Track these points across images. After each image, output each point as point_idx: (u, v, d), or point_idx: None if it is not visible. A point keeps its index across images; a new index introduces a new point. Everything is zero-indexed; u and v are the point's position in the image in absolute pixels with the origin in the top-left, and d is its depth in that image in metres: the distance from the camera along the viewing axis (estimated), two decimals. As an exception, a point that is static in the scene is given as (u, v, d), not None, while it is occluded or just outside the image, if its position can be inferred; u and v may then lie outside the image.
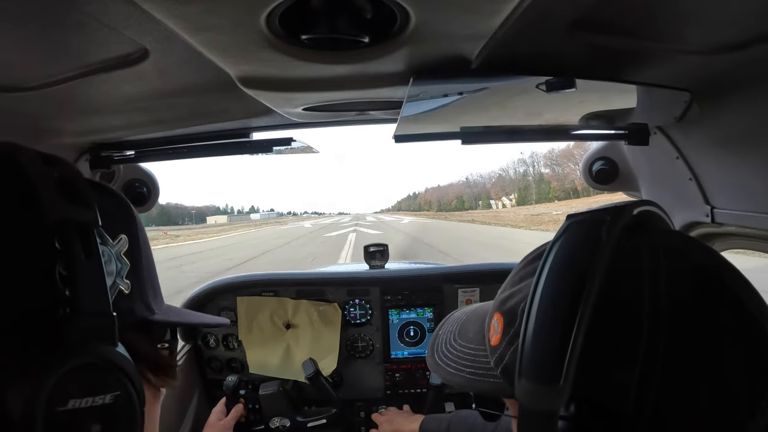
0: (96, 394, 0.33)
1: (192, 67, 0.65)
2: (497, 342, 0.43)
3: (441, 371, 0.52)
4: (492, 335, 0.45)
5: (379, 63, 0.63)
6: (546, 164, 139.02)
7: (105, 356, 0.35)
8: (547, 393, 0.33)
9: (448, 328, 0.57)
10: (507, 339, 0.42)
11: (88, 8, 0.46)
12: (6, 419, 0.29)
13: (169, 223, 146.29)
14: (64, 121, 0.86)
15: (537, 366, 0.34)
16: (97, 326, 0.35)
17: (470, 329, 0.52)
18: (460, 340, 0.52)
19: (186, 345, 1.46)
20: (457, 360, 0.50)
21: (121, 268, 0.44)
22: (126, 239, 0.46)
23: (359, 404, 1.49)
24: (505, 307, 0.44)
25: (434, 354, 0.55)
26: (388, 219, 59.35)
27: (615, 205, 0.37)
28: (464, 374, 0.48)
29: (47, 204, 0.34)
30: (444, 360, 0.52)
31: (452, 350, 0.52)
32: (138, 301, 0.46)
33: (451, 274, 1.49)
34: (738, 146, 0.78)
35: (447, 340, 0.55)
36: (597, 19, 0.53)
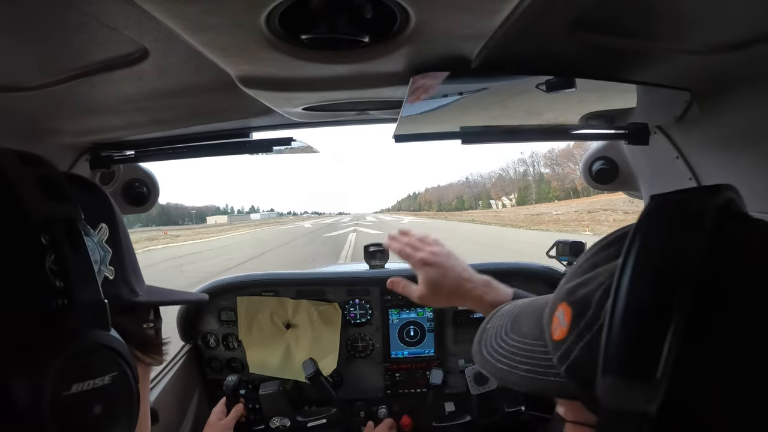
0: (96, 377, 0.36)
1: (192, 67, 0.65)
2: (562, 336, 0.39)
3: (490, 368, 0.48)
4: (555, 329, 0.41)
5: (379, 63, 0.63)
6: (546, 164, 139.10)
7: (101, 341, 0.37)
8: (640, 390, 0.29)
9: (498, 322, 0.53)
10: (575, 333, 0.38)
11: (88, 8, 0.46)
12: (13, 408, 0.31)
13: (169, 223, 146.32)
14: (64, 121, 0.86)
15: (628, 359, 0.30)
16: (91, 313, 0.37)
17: (524, 323, 0.49)
18: (513, 334, 0.48)
19: (186, 345, 1.46)
20: (510, 356, 0.46)
21: (104, 255, 0.46)
22: (106, 228, 0.47)
23: (359, 404, 1.49)
24: (575, 296, 0.39)
25: (482, 349, 0.51)
26: (388, 219, 59.38)
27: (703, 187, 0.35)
28: (519, 371, 0.44)
29: (31, 204, 0.35)
30: (494, 356, 0.48)
31: (504, 345, 0.48)
32: (122, 285, 0.48)
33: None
34: (738, 146, 0.78)
35: (498, 334, 0.51)
36: (597, 18, 0.53)
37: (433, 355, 1.46)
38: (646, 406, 0.29)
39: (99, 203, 0.49)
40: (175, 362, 1.36)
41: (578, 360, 0.37)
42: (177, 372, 1.33)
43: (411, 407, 1.46)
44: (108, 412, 0.36)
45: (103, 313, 0.38)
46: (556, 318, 0.41)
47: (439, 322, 1.46)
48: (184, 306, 1.44)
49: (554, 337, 0.40)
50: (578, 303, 0.38)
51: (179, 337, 1.47)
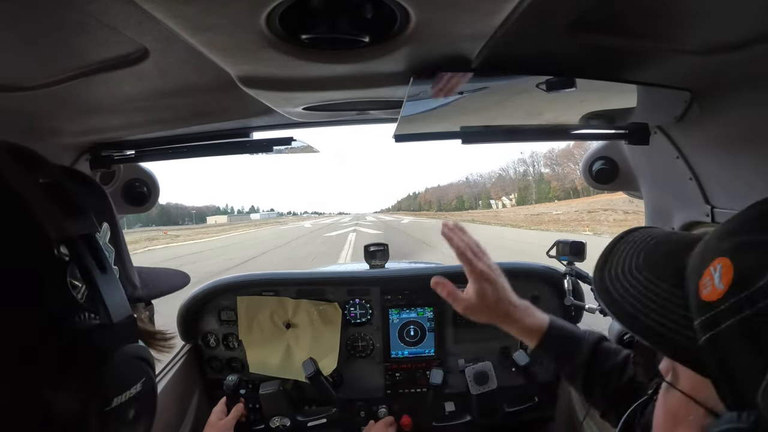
0: (131, 386, 0.38)
1: (192, 67, 0.65)
2: (714, 299, 0.32)
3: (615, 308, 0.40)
4: (706, 285, 0.33)
5: (379, 63, 0.63)
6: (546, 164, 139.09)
7: (134, 354, 0.39)
8: None
9: (629, 249, 0.44)
10: (733, 301, 0.30)
11: (88, 8, 0.46)
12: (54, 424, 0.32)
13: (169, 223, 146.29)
14: (64, 121, 0.86)
15: None
16: (124, 331, 0.39)
17: (662, 261, 0.41)
18: (647, 271, 0.40)
19: (186, 345, 1.46)
20: (640, 296, 0.39)
21: (109, 256, 0.47)
22: (108, 227, 0.48)
23: (359, 404, 1.49)
24: (744, 256, 0.32)
25: (605, 278, 0.43)
26: (388, 219, 59.37)
27: None
28: (648, 320, 0.37)
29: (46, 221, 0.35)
30: (621, 292, 0.40)
31: (635, 283, 0.40)
32: (126, 283, 0.49)
33: (451, 273, 1.49)
34: (738, 145, 0.78)
35: (627, 267, 0.42)
36: (597, 18, 0.53)
37: (433, 355, 1.46)
38: None
39: (99, 202, 0.49)
40: (175, 362, 1.36)
41: (728, 335, 0.30)
42: (177, 372, 1.33)
43: (411, 407, 1.46)
44: (139, 413, 0.39)
45: (134, 326, 0.41)
46: (709, 273, 0.33)
47: (439, 322, 1.46)
48: (184, 306, 1.44)
49: (702, 294, 0.33)
50: (747, 268, 0.31)
51: (179, 337, 1.47)
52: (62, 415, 0.32)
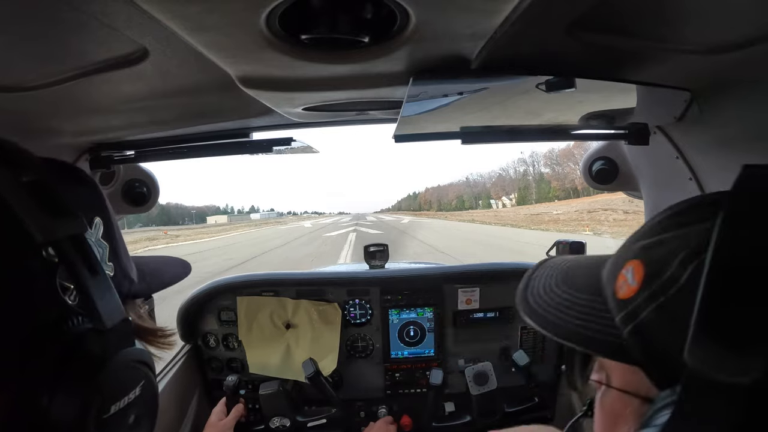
0: (130, 392, 0.37)
1: (192, 67, 0.65)
2: (630, 295, 0.36)
3: (539, 319, 0.44)
4: (621, 286, 0.37)
5: (379, 63, 0.63)
6: (546, 164, 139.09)
7: (131, 358, 0.38)
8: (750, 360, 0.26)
9: (547, 272, 0.50)
10: (647, 293, 0.34)
11: (89, 8, 0.46)
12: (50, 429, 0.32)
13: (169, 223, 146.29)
14: (64, 121, 0.86)
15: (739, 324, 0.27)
16: (119, 335, 0.38)
17: (579, 277, 0.45)
18: (566, 287, 0.45)
19: (186, 345, 1.46)
20: (562, 308, 0.43)
21: (103, 252, 0.45)
22: (101, 222, 0.46)
23: (359, 404, 1.49)
24: (650, 255, 0.36)
25: (528, 297, 0.47)
26: (388, 219, 59.36)
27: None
28: (572, 325, 0.41)
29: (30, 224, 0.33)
30: (543, 305, 0.45)
31: (554, 296, 0.45)
32: (122, 280, 0.48)
33: (451, 273, 1.49)
34: (738, 145, 0.78)
35: (547, 285, 0.47)
36: (597, 18, 0.53)
37: (433, 355, 1.47)
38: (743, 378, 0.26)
39: (92, 196, 0.48)
40: (175, 362, 1.36)
41: (648, 322, 0.34)
42: (177, 372, 1.33)
43: (411, 407, 1.46)
44: (139, 417, 0.38)
45: (129, 330, 0.39)
46: (623, 275, 0.37)
47: (439, 323, 1.46)
48: (183, 306, 1.44)
49: (619, 295, 0.37)
50: (654, 262, 0.35)
51: (179, 337, 1.47)
52: (59, 424, 0.32)
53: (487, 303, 1.47)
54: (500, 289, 1.47)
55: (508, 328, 1.48)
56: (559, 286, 0.46)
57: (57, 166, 0.46)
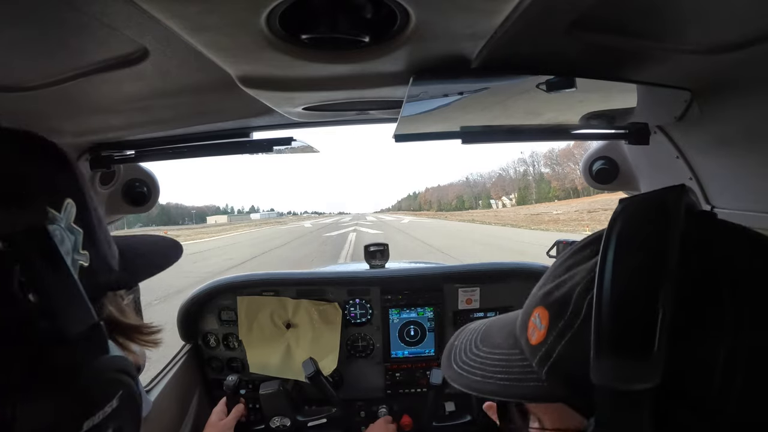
0: (105, 405, 0.33)
1: (192, 67, 0.65)
2: (540, 339, 0.39)
3: (464, 381, 0.47)
4: (532, 334, 0.41)
5: (379, 63, 0.63)
6: (546, 164, 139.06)
7: (104, 368, 0.34)
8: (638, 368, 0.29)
9: (466, 337, 0.53)
10: (555, 333, 0.38)
11: (88, 8, 0.46)
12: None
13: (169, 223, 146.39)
14: (64, 121, 0.86)
15: (622, 337, 0.30)
16: (88, 342, 0.33)
17: (495, 335, 0.48)
18: (484, 346, 0.48)
19: (186, 345, 1.46)
20: (484, 367, 0.46)
21: (75, 240, 0.39)
22: (72, 203, 0.39)
23: (359, 404, 1.49)
24: (551, 299, 0.40)
25: (452, 364, 0.50)
26: (388, 219, 59.34)
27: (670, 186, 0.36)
28: (496, 381, 0.43)
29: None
30: (467, 369, 0.48)
31: (476, 358, 0.48)
32: (99, 269, 0.42)
33: (451, 273, 1.49)
34: (738, 145, 0.78)
35: (467, 348, 0.50)
36: (597, 18, 0.53)
37: (434, 355, 1.47)
38: (645, 383, 0.29)
39: (60, 174, 0.41)
40: (175, 362, 1.36)
41: (562, 358, 0.37)
42: (177, 372, 1.33)
43: (411, 407, 1.46)
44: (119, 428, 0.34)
45: (101, 335, 0.34)
46: (532, 323, 0.41)
47: (440, 322, 1.46)
48: (184, 306, 1.44)
49: (532, 341, 0.40)
50: (555, 304, 0.39)
51: (179, 337, 1.47)
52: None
53: (488, 303, 1.47)
54: (500, 289, 1.47)
55: None
56: (479, 347, 0.49)
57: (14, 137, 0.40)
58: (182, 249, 0.59)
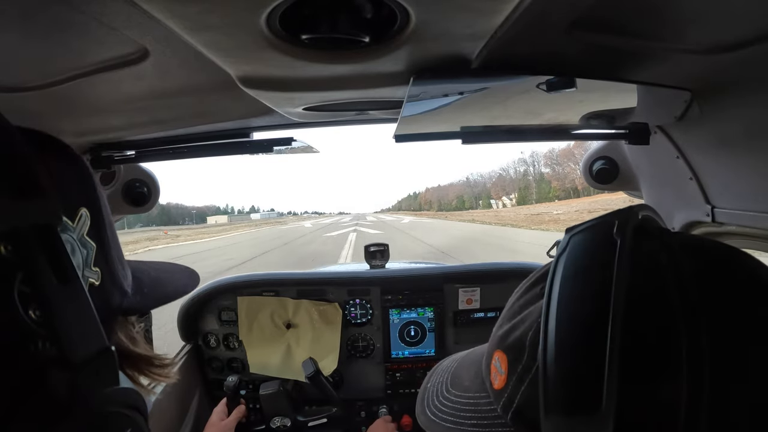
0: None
1: (192, 67, 0.65)
2: (502, 384, 0.38)
3: (437, 428, 0.46)
4: (494, 378, 0.39)
5: (379, 63, 0.63)
6: (546, 164, 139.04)
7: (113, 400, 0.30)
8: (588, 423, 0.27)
9: (437, 380, 0.52)
10: (515, 378, 0.36)
11: (88, 8, 0.46)
12: None
13: (169, 223, 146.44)
14: (64, 121, 0.86)
15: (570, 394, 0.29)
16: (96, 371, 0.29)
17: (464, 377, 0.47)
18: (454, 390, 0.47)
19: (186, 345, 1.46)
20: (454, 413, 0.45)
21: (87, 254, 0.35)
22: (87, 214, 0.35)
23: (360, 404, 1.49)
24: (508, 342, 0.38)
25: (425, 409, 0.49)
26: (388, 219, 59.32)
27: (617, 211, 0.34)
28: (466, 427, 0.42)
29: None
30: (438, 415, 0.46)
31: (447, 403, 0.47)
32: (111, 289, 0.38)
33: (451, 273, 1.49)
34: (739, 145, 0.78)
35: (438, 392, 0.49)
36: (597, 18, 0.53)
37: (434, 355, 1.47)
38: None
39: (76, 178, 0.37)
40: (175, 363, 1.36)
41: (523, 405, 0.35)
42: (177, 372, 1.32)
43: (411, 407, 1.45)
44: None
45: (110, 363, 0.30)
46: (494, 367, 0.40)
47: (440, 322, 1.46)
48: (184, 306, 1.44)
49: (495, 386, 0.39)
50: (512, 348, 0.38)
51: (180, 337, 1.47)
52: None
53: (488, 303, 1.47)
54: (501, 289, 1.47)
55: None
56: (450, 391, 0.47)
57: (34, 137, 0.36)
58: (199, 278, 0.55)
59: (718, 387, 0.28)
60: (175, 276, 0.52)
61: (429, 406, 0.49)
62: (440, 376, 0.52)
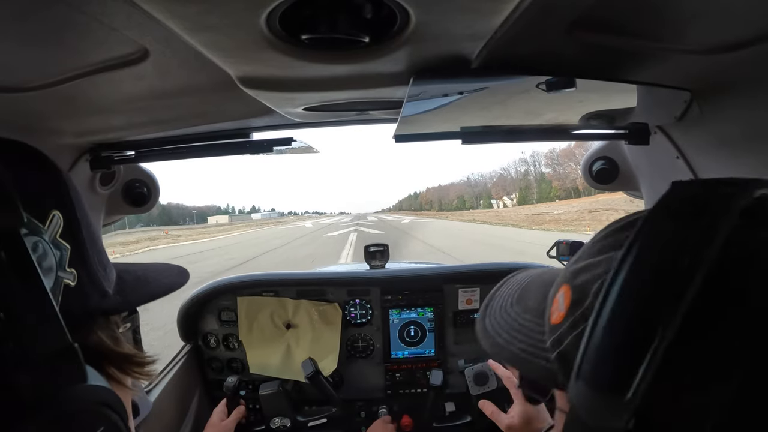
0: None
1: (192, 67, 0.65)
2: (559, 320, 0.36)
3: (488, 341, 0.45)
4: (554, 311, 0.37)
5: (379, 63, 0.63)
6: (547, 164, 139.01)
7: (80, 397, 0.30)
8: (608, 406, 0.26)
9: (508, 291, 0.50)
10: (571, 320, 0.34)
11: (89, 8, 0.46)
12: None
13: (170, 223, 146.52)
14: (65, 122, 0.86)
15: (601, 370, 0.27)
16: (58, 369, 0.29)
17: (531, 296, 0.45)
18: (518, 307, 0.45)
19: (186, 345, 1.46)
20: (509, 330, 0.43)
21: (61, 256, 0.35)
22: (59, 216, 0.36)
23: (359, 404, 1.49)
24: (576, 281, 0.36)
25: (485, 318, 0.48)
26: (389, 219, 59.31)
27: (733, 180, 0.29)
28: (514, 348, 0.41)
29: None
30: (495, 327, 0.45)
31: (506, 317, 0.45)
32: (89, 290, 0.39)
33: (451, 274, 1.49)
34: (738, 145, 0.78)
35: (503, 305, 0.47)
36: (597, 18, 0.53)
37: (434, 356, 1.46)
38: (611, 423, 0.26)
39: (47, 183, 0.38)
40: (175, 362, 1.36)
41: (569, 351, 0.34)
42: (177, 372, 1.33)
43: (411, 407, 1.46)
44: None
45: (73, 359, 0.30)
46: (557, 300, 0.37)
47: (440, 323, 1.46)
48: (184, 306, 1.44)
49: (551, 320, 0.38)
50: (578, 289, 0.35)
51: (179, 338, 1.47)
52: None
53: None
54: None
55: None
56: (513, 306, 0.46)
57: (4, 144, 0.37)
58: (188, 276, 0.55)
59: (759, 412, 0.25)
60: (163, 274, 0.52)
61: (490, 314, 0.48)
62: (512, 287, 0.50)
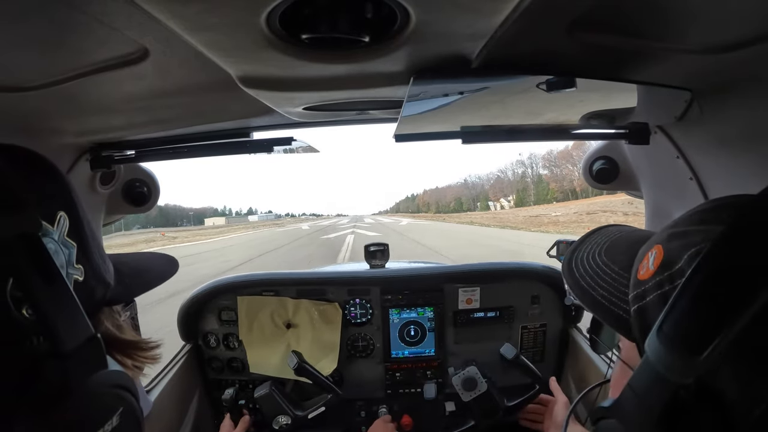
0: (105, 423, 0.32)
1: (192, 67, 0.65)
2: (646, 277, 0.38)
3: (571, 281, 0.48)
4: (643, 267, 0.39)
5: (379, 62, 0.63)
6: (544, 165, 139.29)
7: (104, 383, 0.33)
8: (681, 364, 0.29)
9: (597, 240, 0.52)
10: (657, 279, 0.36)
11: (89, 8, 0.46)
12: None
13: (167, 224, 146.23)
14: (65, 121, 0.86)
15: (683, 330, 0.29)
16: (86, 357, 0.32)
17: (620, 250, 0.47)
18: (605, 257, 0.48)
19: (186, 345, 1.46)
20: (593, 276, 0.46)
21: (69, 253, 0.38)
22: (65, 217, 0.39)
23: (360, 404, 1.49)
24: (672, 244, 0.37)
25: (572, 261, 0.50)
26: (386, 221, 59.24)
27: None
28: (595, 294, 0.44)
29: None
30: (580, 271, 0.48)
31: (593, 264, 0.48)
32: (94, 283, 0.42)
33: (451, 273, 1.49)
34: (738, 145, 0.78)
35: (592, 252, 0.50)
36: (597, 18, 0.53)
37: (434, 355, 1.46)
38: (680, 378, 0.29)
39: (53, 187, 0.40)
40: (175, 362, 1.36)
41: (650, 306, 0.36)
42: (177, 372, 1.32)
43: (411, 407, 1.45)
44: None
45: (98, 350, 0.33)
46: (648, 257, 0.39)
47: (440, 322, 1.46)
48: (184, 306, 1.44)
49: (639, 275, 0.39)
50: (671, 251, 0.36)
51: (180, 337, 1.47)
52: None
53: (488, 302, 1.47)
54: (501, 289, 1.47)
55: (508, 327, 1.48)
56: (600, 256, 0.48)
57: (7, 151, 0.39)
58: (178, 264, 0.59)
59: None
60: (155, 264, 0.56)
61: (577, 258, 0.51)
62: (600, 238, 0.53)
